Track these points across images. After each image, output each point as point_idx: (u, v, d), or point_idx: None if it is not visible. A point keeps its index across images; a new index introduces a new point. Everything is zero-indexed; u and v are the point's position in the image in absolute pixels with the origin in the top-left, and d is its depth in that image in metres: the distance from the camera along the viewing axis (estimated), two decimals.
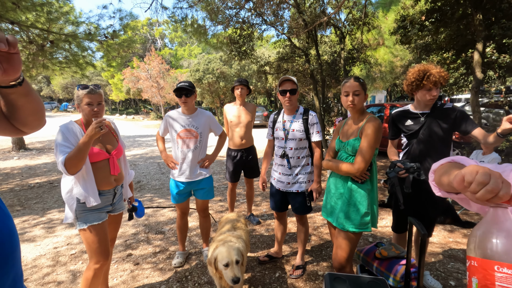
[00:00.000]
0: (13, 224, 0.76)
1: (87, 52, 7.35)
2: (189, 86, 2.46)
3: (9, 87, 0.78)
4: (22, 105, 0.86)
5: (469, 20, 5.39)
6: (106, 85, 32.30)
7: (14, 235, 0.75)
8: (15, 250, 0.73)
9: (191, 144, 2.55)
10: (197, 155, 2.59)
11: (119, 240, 3.27)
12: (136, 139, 13.32)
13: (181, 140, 2.54)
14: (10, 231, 0.73)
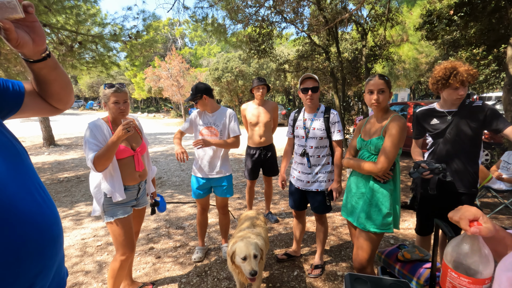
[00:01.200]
0: (57, 211, 0.82)
1: (112, 52, 7.63)
2: (192, 95, 2.52)
3: (41, 60, 0.82)
4: (54, 79, 0.89)
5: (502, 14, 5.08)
6: (129, 84, 33.40)
7: (59, 220, 0.82)
8: (61, 234, 0.81)
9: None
10: (217, 152, 2.63)
11: (141, 234, 3.39)
12: (157, 137, 13.69)
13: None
14: (56, 216, 0.80)
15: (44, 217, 0.74)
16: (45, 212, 0.75)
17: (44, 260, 0.72)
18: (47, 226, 0.74)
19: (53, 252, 0.75)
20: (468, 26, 5.73)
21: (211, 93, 2.59)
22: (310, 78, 2.28)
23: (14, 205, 0.66)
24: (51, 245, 0.75)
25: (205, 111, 2.63)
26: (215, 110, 2.64)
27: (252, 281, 1.78)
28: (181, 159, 2.45)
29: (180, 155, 2.45)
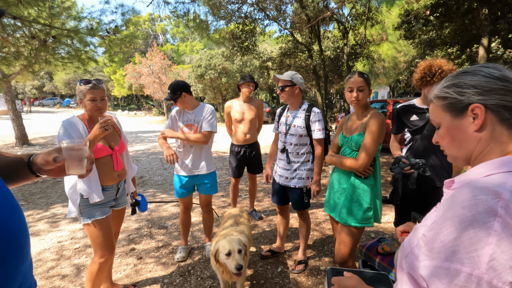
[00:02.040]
0: (24, 217, 0.77)
1: (89, 47, 7.35)
2: (170, 93, 2.46)
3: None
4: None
5: (474, 15, 5.33)
6: (108, 80, 32.33)
7: (26, 227, 0.76)
8: (28, 241, 0.75)
9: None
10: (199, 149, 2.59)
11: (122, 234, 3.30)
12: (139, 135, 13.36)
13: (183, 134, 2.56)
14: (23, 223, 0.75)
15: (13, 223, 0.69)
16: (14, 218, 0.70)
17: (8, 270, 0.66)
18: (15, 233, 0.69)
19: (19, 261, 0.70)
20: (443, 26, 5.96)
21: (189, 90, 2.54)
22: (278, 77, 2.33)
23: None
24: (18, 253, 0.69)
25: (185, 108, 2.58)
26: (195, 107, 2.59)
27: (238, 276, 1.77)
28: (171, 161, 2.36)
29: (169, 157, 2.35)
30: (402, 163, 1.96)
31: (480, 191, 0.55)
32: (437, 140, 0.77)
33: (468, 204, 0.55)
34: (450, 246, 0.55)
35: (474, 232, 0.52)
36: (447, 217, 0.58)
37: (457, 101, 0.68)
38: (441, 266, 0.55)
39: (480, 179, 0.60)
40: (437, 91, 0.73)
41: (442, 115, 0.72)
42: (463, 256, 0.52)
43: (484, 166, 0.63)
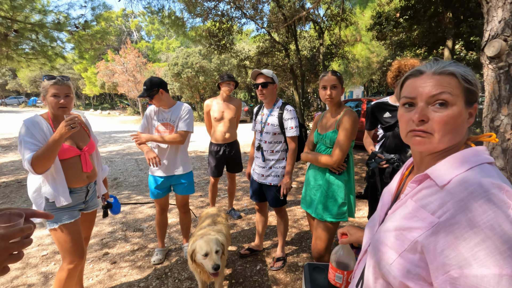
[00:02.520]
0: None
1: (57, 43, 6.94)
2: (147, 89, 2.37)
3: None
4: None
5: (440, 18, 5.63)
6: (79, 78, 30.81)
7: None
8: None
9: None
10: (175, 149, 2.53)
11: (94, 239, 3.16)
12: (112, 135, 12.85)
13: (158, 135, 2.48)
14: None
15: None
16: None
17: None
18: None
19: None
20: (412, 28, 6.25)
21: (166, 87, 2.47)
22: (261, 73, 2.30)
23: None
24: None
25: (161, 106, 2.51)
26: (171, 105, 2.52)
27: (215, 276, 1.75)
28: (154, 164, 2.28)
29: (152, 160, 2.28)
30: (378, 158, 2.02)
31: (487, 186, 0.54)
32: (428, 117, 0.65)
33: (484, 201, 0.52)
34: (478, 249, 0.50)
35: (501, 229, 0.50)
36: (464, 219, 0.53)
37: (476, 93, 0.66)
38: (476, 274, 0.50)
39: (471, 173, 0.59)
40: (460, 70, 0.65)
41: (459, 96, 0.64)
42: (498, 258, 0.49)
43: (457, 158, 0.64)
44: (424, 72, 0.67)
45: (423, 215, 0.61)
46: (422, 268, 0.58)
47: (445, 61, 0.67)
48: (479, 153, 0.64)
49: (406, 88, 0.70)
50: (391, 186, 0.86)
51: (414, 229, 0.61)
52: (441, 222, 0.56)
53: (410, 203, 0.66)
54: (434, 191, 0.62)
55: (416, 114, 0.65)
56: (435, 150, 0.68)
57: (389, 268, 0.64)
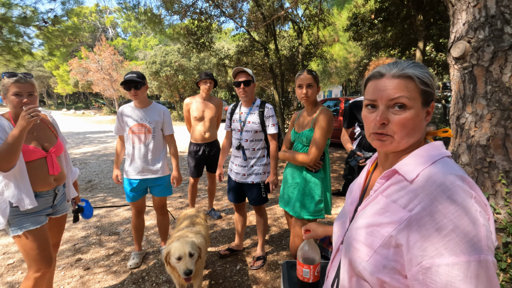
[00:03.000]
0: None
1: (23, 38, 6.54)
2: (137, 78, 2.30)
3: None
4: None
5: (412, 21, 5.87)
6: (50, 76, 29.31)
7: None
8: None
9: (144, 139, 2.42)
10: (151, 150, 2.45)
11: (66, 244, 3.01)
12: (87, 136, 12.34)
13: (134, 135, 2.41)
14: None
15: None
16: None
17: None
18: None
19: None
20: (386, 30, 6.47)
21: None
22: (242, 71, 2.28)
23: None
24: None
25: (137, 106, 2.42)
26: (146, 105, 2.45)
27: (187, 281, 1.71)
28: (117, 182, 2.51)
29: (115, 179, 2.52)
30: (358, 156, 2.07)
31: (453, 178, 0.58)
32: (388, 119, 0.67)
33: (451, 193, 0.56)
34: (449, 239, 0.53)
35: (468, 218, 0.53)
36: (435, 210, 0.56)
37: (432, 93, 0.69)
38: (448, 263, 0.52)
39: (436, 166, 0.62)
40: (418, 72, 0.66)
41: (416, 98, 0.66)
42: (467, 245, 0.51)
43: (421, 153, 0.67)
44: (384, 74, 0.69)
45: (394, 210, 0.63)
46: (397, 262, 0.60)
47: (405, 62, 0.69)
48: (438, 147, 0.68)
49: (368, 90, 0.72)
50: (359, 182, 0.88)
51: (387, 224, 0.63)
52: (412, 215, 0.58)
53: (381, 198, 0.68)
54: (403, 186, 0.64)
55: (378, 117, 0.68)
56: (397, 150, 0.70)
57: (366, 265, 0.65)
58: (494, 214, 1.74)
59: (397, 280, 0.60)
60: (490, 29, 1.72)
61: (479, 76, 1.78)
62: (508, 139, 1.71)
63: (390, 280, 0.61)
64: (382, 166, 0.79)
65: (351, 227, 0.74)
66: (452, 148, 1.99)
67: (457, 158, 1.93)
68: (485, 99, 1.76)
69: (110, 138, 11.74)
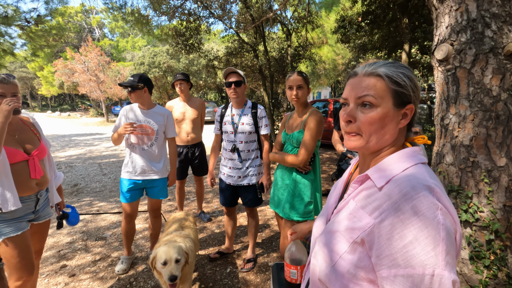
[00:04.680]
0: None
1: (4, 38, 6.34)
2: (133, 82, 2.29)
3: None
4: None
5: (398, 23, 5.99)
6: (34, 78, 28.50)
7: None
8: None
9: (146, 141, 2.41)
10: (152, 152, 2.45)
11: (50, 251, 2.92)
12: (73, 138, 12.04)
13: (136, 136, 2.39)
14: None
15: None
16: None
17: None
18: None
19: None
20: (373, 32, 6.59)
21: (152, 88, 2.46)
22: (233, 72, 2.27)
23: None
24: None
25: (140, 107, 2.42)
26: (151, 107, 2.46)
27: (172, 287, 1.68)
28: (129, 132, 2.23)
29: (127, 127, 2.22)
30: (349, 159, 2.10)
31: (419, 188, 0.56)
32: (355, 117, 0.67)
33: (415, 203, 0.54)
34: (406, 250, 0.52)
35: (428, 230, 0.51)
36: (396, 220, 0.55)
37: (407, 94, 0.66)
38: (403, 274, 0.52)
39: (405, 174, 0.61)
40: (390, 72, 0.65)
41: (385, 97, 0.65)
42: (423, 258, 0.51)
43: (395, 159, 0.66)
44: (358, 73, 0.69)
45: (361, 216, 0.62)
46: (360, 268, 0.60)
47: (384, 61, 0.69)
48: (414, 153, 0.67)
49: (345, 89, 0.72)
50: (340, 183, 0.87)
51: (353, 230, 0.62)
52: (376, 223, 0.58)
53: (351, 203, 0.67)
54: (373, 192, 0.64)
55: (344, 114, 0.68)
56: (368, 150, 0.70)
57: (331, 270, 0.64)
58: (478, 212, 1.79)
59: (361, 286, 0.60)
60: (472, 32, 1.78)
61: (461, 78, 1.83)
62: (490, 139, 1.76)
63: (353, 286, 0.61)
64: (360, 168, 0.78)
65: (324, 230, 0.74)
66: (437, 148, 2.04)
67: (441, 158, 1.98)
68: (467, 100, 1.81)
69: (97, 140, 11.50)
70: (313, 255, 0.75)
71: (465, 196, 1.83)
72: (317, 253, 0.71)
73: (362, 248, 0.60)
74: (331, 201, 0.84)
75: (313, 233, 0.86)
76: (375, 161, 0.71)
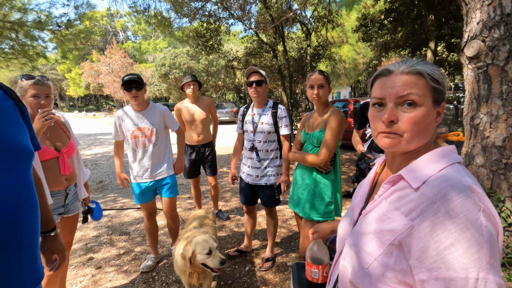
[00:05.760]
0: (35, 216, 0.87)
1: (38, 42, 6.73)
2: (138, 78, 2.28)
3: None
4: None
5: (422, 21, 5.78)
6: (63, 79, 30.01)
7: (33, 222, 0.86)
8: (29, 234, 0.83)
9: (147, 143, 2.38)
10: (157, 152, 2.43)
11: (78, 243, 3.07)
12: (98, 137, 12.57)
13: (136, 140, 2.36)
14: (30, 219, 0.83)
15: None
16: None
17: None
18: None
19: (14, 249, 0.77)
20: (396, 30, 6.39)
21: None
22: (255, 72, 2.28)
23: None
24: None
25: (135, 109, 2.38)
26: (145, 107, 2.40)
27: (220, 271, 1.77)
28: (123, 186, 2.50)
29: (120, 182, 2.50)
30: (368, 159, 2.05)
31: (459, 188, 0.54)
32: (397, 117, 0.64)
33: (456, 204, 0.53)
34: (448, 253, 0.51)
35: (470, 232, 0.50)
36: (436, 222, 0.53)
37: (443, 92, 0.66)
38: (444, 277, 0.51)
39: (443, 174, 0.59)
40: (428, 69, 0.64)
41: (426, 95, 0.63)
42: (465, 261, 0.49)
43: (429, 159, 0.64)
44: (393, 71, 0.66)
45: (397, 217, 0.60)
46: (397, 271, 0.58)
47: (414, 59, 0.67)
48: (449, 152, 0.65)
49: (376, 88, 0.69)
50: (365, 183, 0.85)
51: (388, 232, 0.60)
52: (414, 225, 0.56)
53: (384, 204, 0.66)
54: (408, 193, 0.62)
55: (386, 114, 0.64)
56: (405, 150, 0.67)
57: (365, 272, 0.63)
58: (511, 216, 1.70)
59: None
60: (506, 27, 1.69)
61: (494, 76, 1.74)
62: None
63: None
64: (389, 168, 0.76)
65: (353, 231, 0.72)
66: (466, 149, 1.95)
67: (471, 160, 1.89)
68: (500, 99, 1.72)
69: None
70: (342, 256, 0.73)
71: (497, 199, 1.74)
72: (347, 254, 0.70)
73: (399, 250, 0.58)
74: (357, 202, 0.82)
75: (338, 234, 0.84)
76: (406, 160, 0.69)
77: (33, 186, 0.86)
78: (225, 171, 6.03)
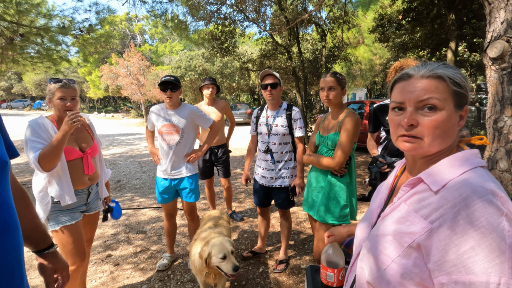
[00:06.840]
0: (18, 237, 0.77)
1: (61, 46, 7.03)
2: (175, 81, 2.37)
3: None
4: None
5: (442, 20, 5.61)
6: (83, 82, 31.11)
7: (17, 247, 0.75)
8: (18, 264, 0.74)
9: (171, 140, 2.45)
10: (179, 151, 2.47)
11: (97, 241, 3.17)
12: (116, 138, 12.93)
13: (163, 136, 2.45)
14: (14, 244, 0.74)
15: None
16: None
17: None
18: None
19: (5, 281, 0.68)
20: (415, 30, 6.23)
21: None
22: (269, 74, 2.30)
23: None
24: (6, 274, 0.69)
25: (167, 108, 2.47)
26: (177, 106, 2.49)
27: (233, 277, 1.78)
28: (155, 162, 2.57)
29: (154, 157, 2.59)
30: (380, 163, 2.01)
31: (481, 192, 0.53)
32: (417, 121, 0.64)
33: (477, 208, 0.52)
34: (468, 256, 0.50)
35: (492, 237, 0.49)
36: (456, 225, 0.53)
37: (466, 95, 0.65)
38: (464, 281, 0.50)
39: (465, 177, 0.58)
40: (449, 73, 0.63)
41: (447, 99, 0.63)
42: (486, 265, 0.49)
43: (451, 162, 0.63)
44: (413, 75, 0.66)
45: (416, 220, 0.60)
46: (415, 274, 0.58)
47: (434, 63, 0.66)
48: (472, 156, 0.64)
49: (395, 92, 0.69)
50: (384, 187, 0.84)
51: (407, 234, 0.60)
52: (434, 228, 0.56)
53: (403, 207, 0.65)
54: (427, 196, 0.61)
55: (405, 118, 0.64)
56: (426, 154, 0.67)
57: (382, 274, 0.63)
58: None
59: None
60: None
61: None
62: None
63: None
64: (409, 172, 0.76)
65: (371, 233, 0.72)
66: (489, 153, 1.88)
67: (494, 164, 1.82)
68: None
69: (137, 140, 12.23)
70: (360, 258, 0.74)
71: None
72: (365, 256, 0.70)
73: (418, 253, 0.58)
74: (375, 205, 0.82)
75: (356, 237, 0.84)
76: (427, 164, 0.68)
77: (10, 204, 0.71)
78: (238, 172, 6.07)
